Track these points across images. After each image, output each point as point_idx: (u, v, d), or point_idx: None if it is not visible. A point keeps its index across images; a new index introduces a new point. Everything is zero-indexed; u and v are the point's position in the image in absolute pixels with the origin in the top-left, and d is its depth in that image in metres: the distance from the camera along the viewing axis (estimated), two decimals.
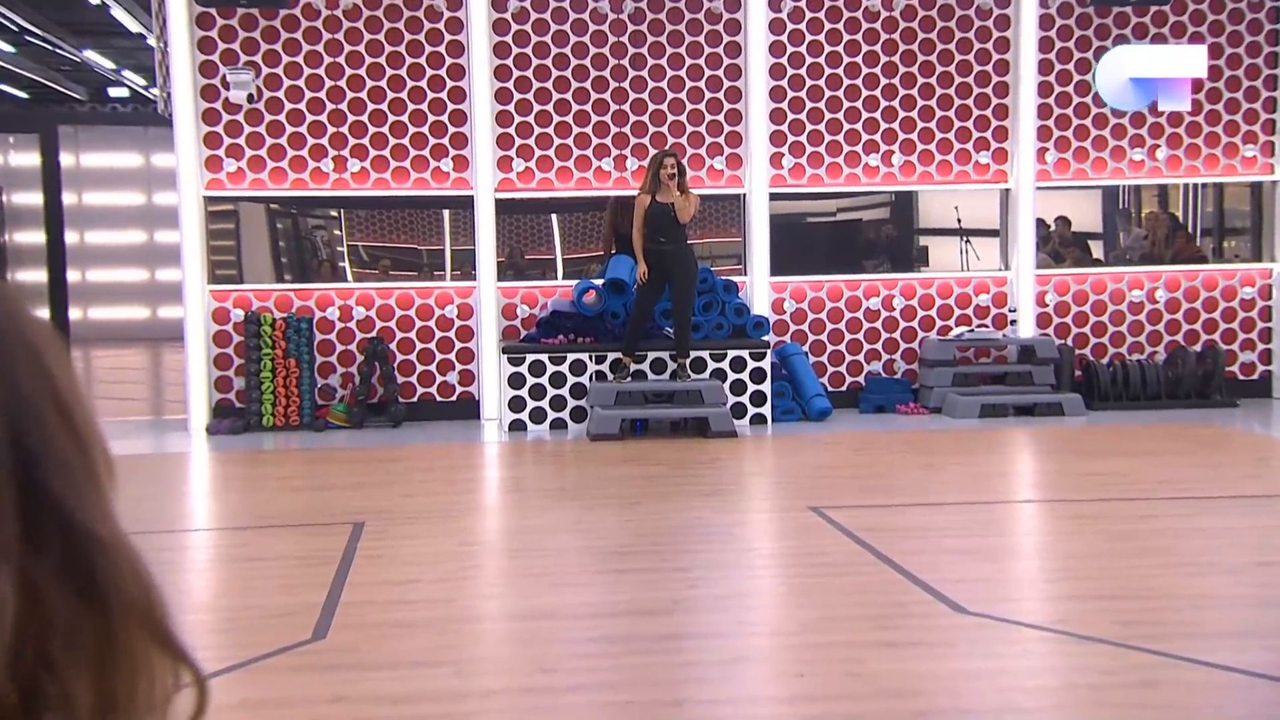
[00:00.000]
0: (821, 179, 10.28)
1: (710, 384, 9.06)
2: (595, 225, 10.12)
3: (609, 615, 4.42)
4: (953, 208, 10.29)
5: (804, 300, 10.32)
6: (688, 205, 8.75)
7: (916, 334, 10.39)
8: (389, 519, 6.03)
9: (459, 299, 10.01)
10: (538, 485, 7.16)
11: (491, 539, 5.78)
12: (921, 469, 7.31)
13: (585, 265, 10.23)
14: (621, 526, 5.81)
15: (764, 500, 6.64)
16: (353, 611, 4.51)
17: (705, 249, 10.16)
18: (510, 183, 10.00)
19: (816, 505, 6.20)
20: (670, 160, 8.72)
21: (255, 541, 5.72)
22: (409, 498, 6.60)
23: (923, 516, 5.99)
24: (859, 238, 10.54)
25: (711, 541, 5.52)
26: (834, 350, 10.37)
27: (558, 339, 9.33)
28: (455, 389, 10.01)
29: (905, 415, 9.84)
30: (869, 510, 6.10)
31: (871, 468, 7.43)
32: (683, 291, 8.85)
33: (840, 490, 6.69)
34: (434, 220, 10.02)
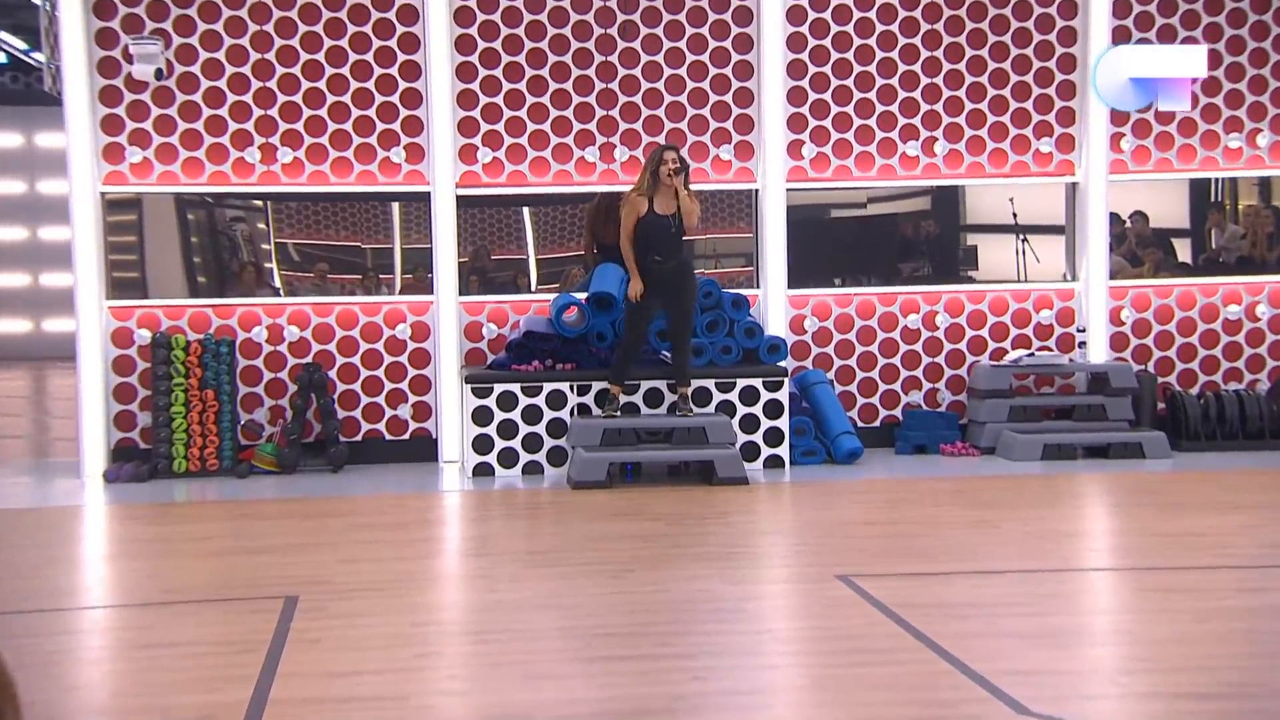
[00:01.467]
0: (849, 171, 10.31)
1: (716, 420, 9.06)
2: (576, 220, 10.18)
3: (595, 716, 4.42)
4: (1007, 200, 10.37)
5: (828, 318, 10.34)
6: (692, 213, 8.79)
7: (965, 358, 10.43)
8: (328, 592, 6.01)
9: (413, 316, 10.01)
10: (508, 547, 7.14)
11: (452, 617, 5.76)
12: (972, 527, 7.31)
13: (565, 269, 10.28)
14: (610, 601, 5.80)
15: (782, 566, 6.64)
16: (285, 712, 4.49)
17: (706, 245, 10.21)
18: (474, 176, 10.02)
19: (845, 573, 6.20)
20: (672, 155, 8.75)
21: (163, 623, 5.68)
22: (352, 564, 6.58)
23: (974, 588, 5.98)
24: (894, 237, 10.59)
25: (720, 620, 5.52)
26: (865, 378, 10.39)
27: (532, 365, 9.34)
28: (408, 425, 10.01)
29: (951, 457, 9.86)
30: (909, 580, 6.10)
31: (911, 524, 7.43)
32: (683, 313, 8.89)
33: (874, 553, 6.69)
34: (381, 214, 10.05)
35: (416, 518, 8.02)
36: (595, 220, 9.90)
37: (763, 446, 9.34)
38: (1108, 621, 5.58)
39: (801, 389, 9.93)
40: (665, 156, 8.75)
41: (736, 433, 9.20)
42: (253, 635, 5.35)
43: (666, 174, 8.72)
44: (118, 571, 6.89)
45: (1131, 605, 5.79)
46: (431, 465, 9.83)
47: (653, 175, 8.77)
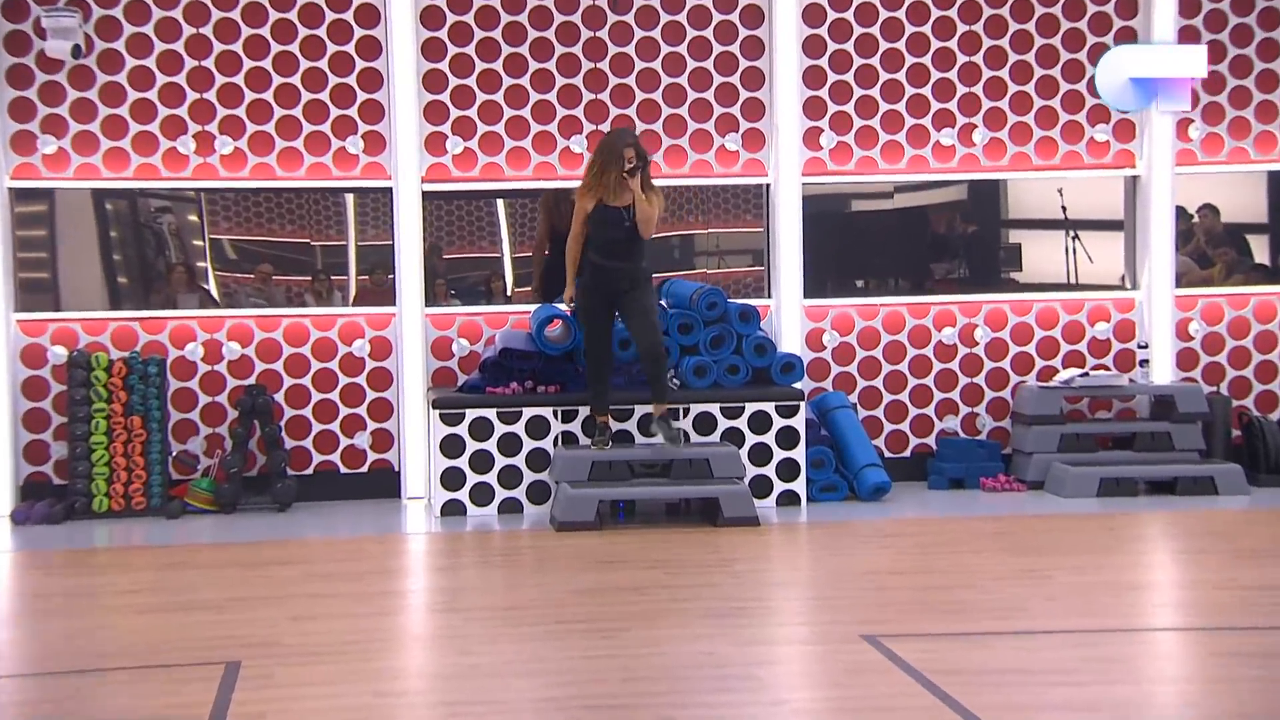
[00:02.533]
0: (874, 163, 10.33)
1: (722, 450, 9.05)
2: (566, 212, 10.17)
3: None
4: (1054, 192, 10.41)
5: (851, 332, 10.34)
6: (651, 210, 8.75)
7: (1008, 378, 10.45)
8: (275, 656, 5.98)
9: (372, 331, 10.01)
10: (482, 601, 7.12)
11: (419, 686, 5.73)
12: (1018, 577, 7.30)
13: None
14: (600, 665, 5.77)
15: (798, 624, 6.62)
16: None
17: (708, 241, 10.22)
18: (443, 170, 10.02)
19: (871, 632, 6.18)
20: (629, 153, 8.69)
21: (82, 695, 5.63)
22: (302, 622, 6.55)
23: (1021, 651, 5.95)
24: (924, 235, 10.62)
25: (726, 689, 5.49)
26: (893, 401, 10.39)
27: (510, 387, 9.33)
28: (367, 456, 10.00)
29: (993, 493, 9.87)
30: (945, 641, 6.07)
31: (947, 574, 7.41)
32: (643, 325, 8.82)
33: (904, 609, 6.67)
34: (333, 206, 10.05)
35: (376, 566, 7.99)
36: (552, 213, 9.92)
37: (775, 481, 9.33)
38: (1176, 693, 5.57)
39: (820, 414, 9.92)
40: (626, 154, 8.62)
41: (745, 465, 9.18)
42: (187, 710, 5.32)
43: (621, 175, 8.63)
44: (26, 633, 6.81)
45: (1205, 674, 5.76)
46: (394, 503, 9.80)
47: (601, 174, 8.67)
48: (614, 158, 8.65)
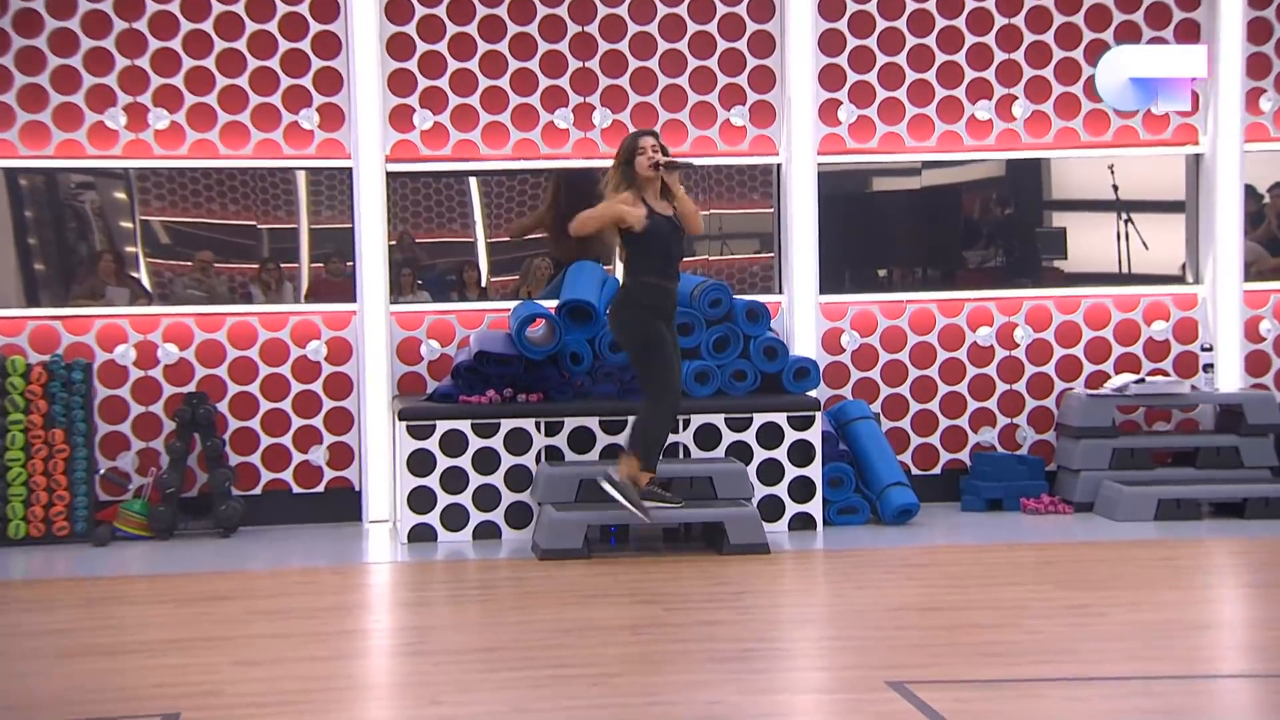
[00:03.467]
0: (900, 140, 10.36)
1: (727, 468, 9.05)
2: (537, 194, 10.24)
3: None
4: (1104, 169, 10.46)
5: (873, 332, 10.36)
6: (695, 213, 8.59)
7: (1052, 385, 10.48)
8: (218, 707, 5.94)
9: (329, 331, 10.00)
10: (455, 643, 7.09)
11: None
12: (1065, 614, 7.28)
13: (525, 259, 10.34)
14: (589, 718, 5.75)
15: (816, 669, 6.60)
16: None
17: (709, 223, 10.19)
18: (410, 148, 10.02)
19: (899, 678, 6.15)
20: (650, 141, 8.50)
21: None
22: (249, 667, 6.52)
23: (1070, 701, 5.92)
24: (956, 219, 10.69)
25: None
26: (921, 411, 10.41)
27: (486, 396, 9.33)
28: (323, 474, 10.01)
29: (1036, 515, 9.89)
30: (983, 689, 6.05)
31: (984, 610, 7.39)
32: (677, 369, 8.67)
33: (936, 651, 6.64)
34: (282, 185, 10.07)
35: (334, 601, 7.96)
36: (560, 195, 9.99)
37: (788, 502, 9.35)
38: None
39: (839, 426, 9.94)
40: (641, 143, 8.42)
41: (753, 484, 9.20)
42: None
43: (647, 165, 8.39)
44: None
45: None
46: (354, 528, 9.82)
47: (627, 168, 8.40)
48: (633, 152, 8.41)
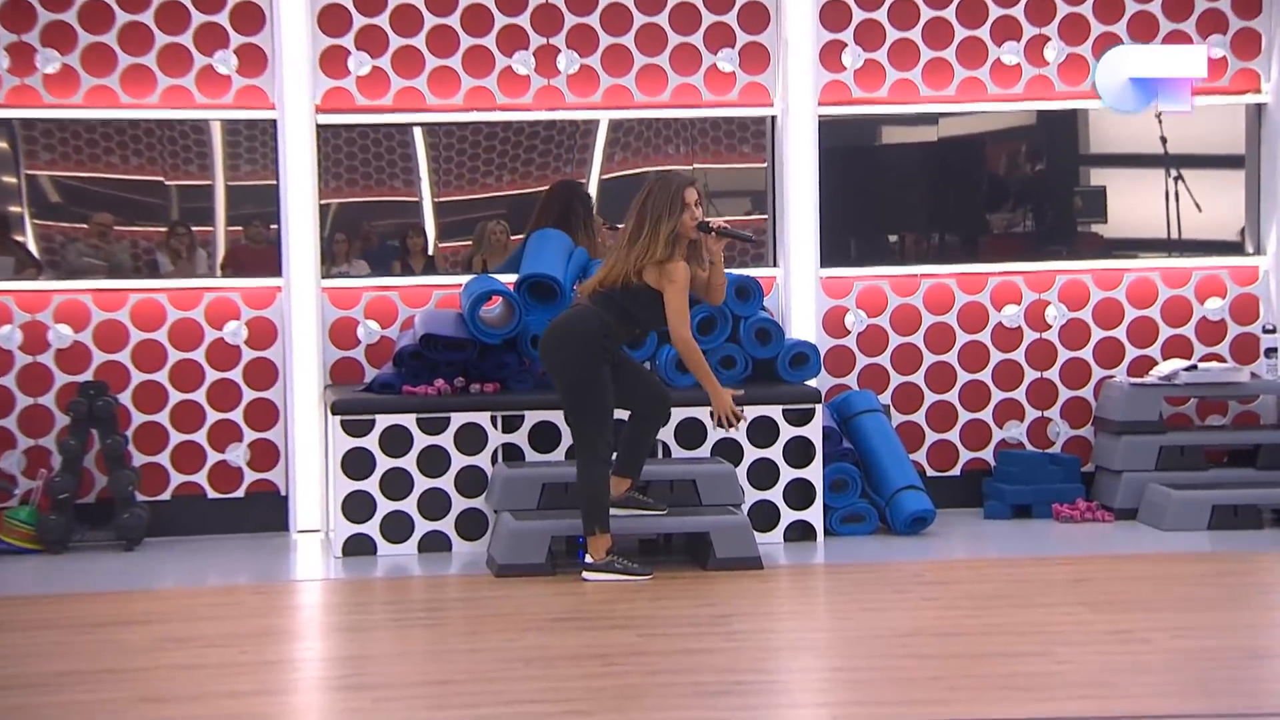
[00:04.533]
0: (914, 89, 10.36)
1: (713, 469, 9.05)
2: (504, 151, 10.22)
3: None
4: (1153, 119, 10.47)
5: (883, 311, 10.37)
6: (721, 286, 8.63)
7: (1090, 372, 10.50)
8: None
9: (250, 310, 9.98)
10: (397, 675, 7.05)
11: None
12: (1104, 641, 7.26)
13: (479, 223, 10.38)
14: None
15: (814, 704, 6.58)
16: None
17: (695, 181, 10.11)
18: (344, 96, 9.99)
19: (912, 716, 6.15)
20: (694, 194, 8.41)
21: None
22: (157, 705, 6.47)
23: None
24: (979, 176, 10.71)
25: None
26: (937, 403, 10.43)
27: (434, 386, 9.32)
28: (243, 477, 9.99)
29: (1070, 524, 9.90)
30: None
31: (1010, 635, 7.37)
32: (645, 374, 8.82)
33: (953, 684, 6.61)
34: (194, 137, 10.03)
35: (256, 626, 7.92)
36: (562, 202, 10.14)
37: (783, 509, 9.35)
38: None
39: (843, 421, 9.94)
40: (686, 196, 8.35)
41: (744, 488, 9.18)
42: None
43: (691, 220, 8.34)
44: None
45: None
46: (280, 539, 9.80)
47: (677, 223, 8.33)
48: (675, 205, 8.34)
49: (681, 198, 8.36)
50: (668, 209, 8.34)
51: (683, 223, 8.35)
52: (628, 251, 8.37)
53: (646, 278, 8.33)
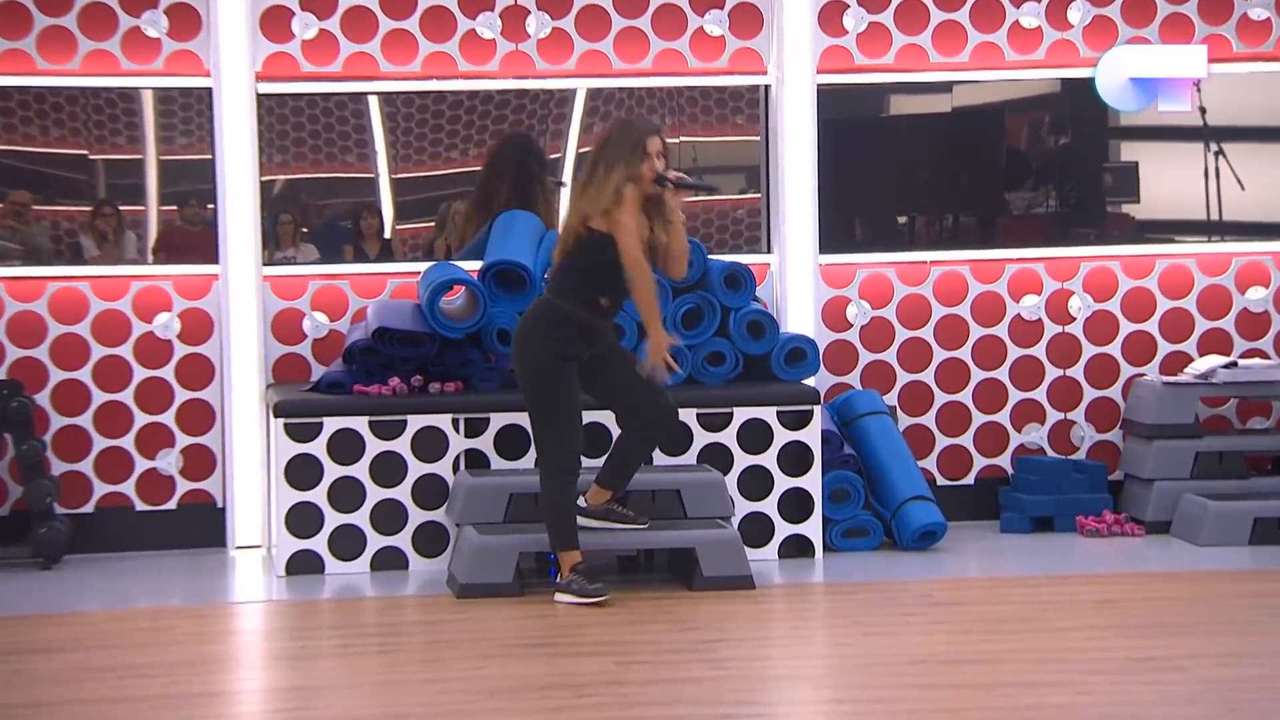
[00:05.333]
0: (923, 55, 10.39)
1: (699, 478, 9.04)
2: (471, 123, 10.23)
3: None
4: (1192, 89, 10.49)
5: (888, 302, 10.39)
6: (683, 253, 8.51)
7: (1118, 370, 10.53)
8: None
9: (183, 300, 9.97)
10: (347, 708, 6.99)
11: None
12: (1134, 669, 7.24)
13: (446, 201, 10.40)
14: None
15: None
16: None
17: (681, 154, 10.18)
18: (287, 62, 9.98)
19: None
20: (657, 144, 8.35)
21: None
22: None
23: None
24: (996, 151, 10.74)
25: None
26: (949, 404, 10.45)
27: (389, 385, 9.31)
28: (175, 487, 9.97)
29: (1096, 538, 9.92)
30: None
31: (1030, 663, 7.37)
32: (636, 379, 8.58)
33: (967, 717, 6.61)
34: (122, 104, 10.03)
35: (189, 653, 7.88)
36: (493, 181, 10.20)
37: (778, 522, 9.36)
38: None
39: (844, 424, 9.95)
40: (649, 144, 8.29)
41: (732, 499, 9.19)
42: None
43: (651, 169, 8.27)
44: None
45: None
46: (216, 556, 9.79)
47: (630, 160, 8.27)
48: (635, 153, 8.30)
49: (643, 146, 8.30)
50: (625, 155, 8.29)
51: (640, 173, 8.27)
52: (578, 200, 8.40)
53: (595, 225, 8.30)
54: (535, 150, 10.30)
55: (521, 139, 10.33)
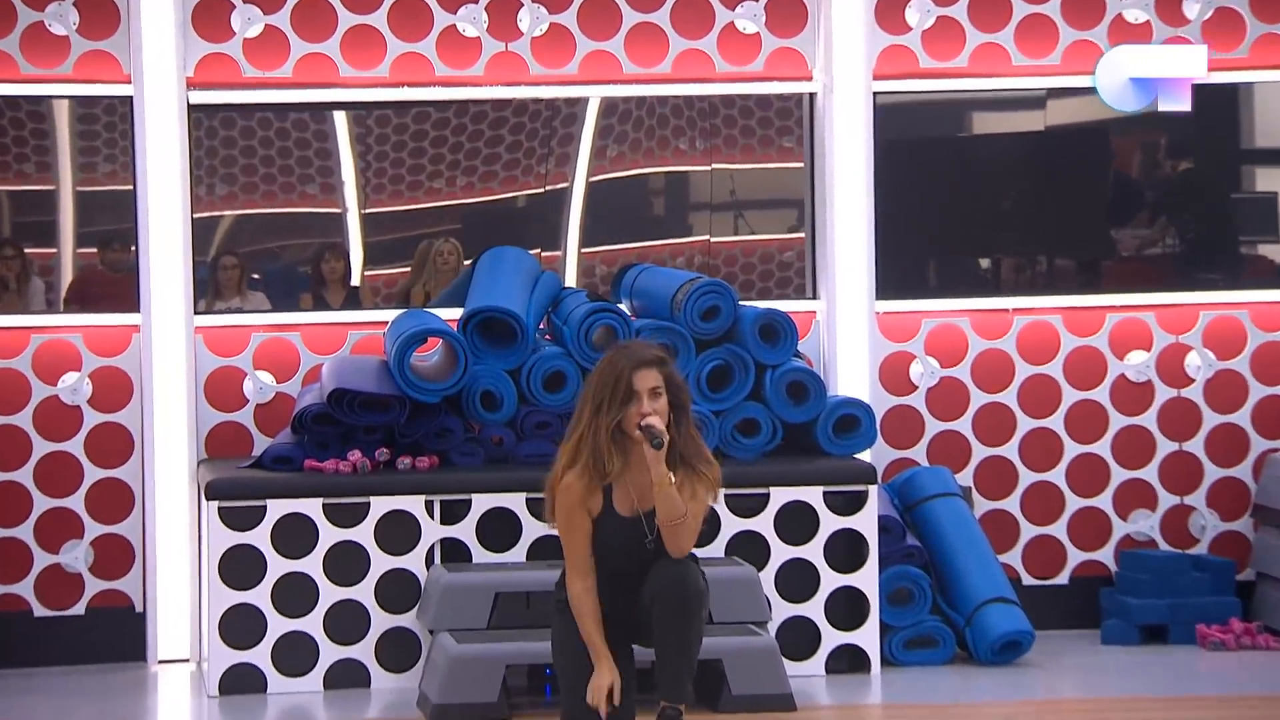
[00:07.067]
0: (1005, 57, 10.43)
1: (729, 573, 9.03)
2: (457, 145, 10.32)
3: None
4: None
5: (961, 359, 10.41)
6: (692, 508, 7.72)
7: (1247, 444, 10.51)
8: None
9: (96, 357, 9.99)
10: None
11: None
12: None
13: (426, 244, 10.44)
14: None
15: None
16: None
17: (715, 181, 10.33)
18: (224, 65, 10.03)
19: None
20: (651, 374, 7.62)
21: None
22: None
23: None
24: (1102, 179, 10.78)
25: None
26: (1036, 483, 10.44)
27: (347, 461, 9.32)
28: (84, 586, 9.96)
29: (1222, 653, 9.84)
30: None
31: None
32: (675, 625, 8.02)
33: None
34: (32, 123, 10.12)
35: None
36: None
37: (825, 629, 9.34)
38: None
39: (907, 508, 9.94)
40: (635, 375, 7.50)
41: (770, 600, 9.18)
42: None
43: (639, 416, 7.41)
44: None
45: None
46: (135, 671, 9.79)
47: (591, 421, 7.52)
48: (614, 391, 7.80)
49: (629, 382, 7.61)
50: (608, 398, 7.55)
51: (626, 417, 7.52)
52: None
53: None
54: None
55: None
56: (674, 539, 7.42)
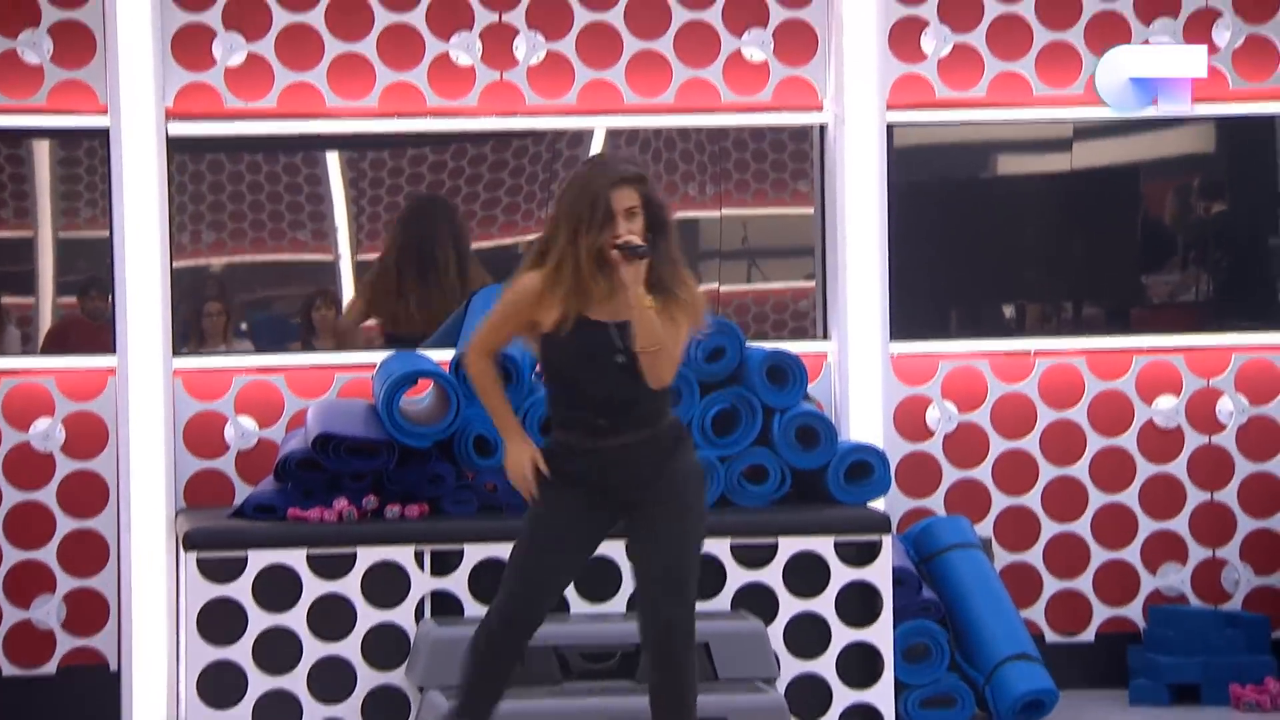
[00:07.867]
0: (1025, 87, 10.45)
1: (735, 628, 9.08)
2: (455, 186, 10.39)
3: None
4: None
5: (981, 404, 10.44)
6: (672, 331, 7.72)
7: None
8: None
9: (70, 402, 10.02)
10: None
11: None
12: None
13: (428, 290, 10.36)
14: None
15: None
16: None
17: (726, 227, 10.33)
18: (206, 96, 10.07)
19: None
20: (627, 193, 7.79)
21: None
22: None
23: None
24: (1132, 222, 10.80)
25: None
26: (1059, 535, 10.46)
27: (333, 509, 9.34)
28: (55, 644, 9.97)
29: (1257, 713, 9.84)
30: None
31: None
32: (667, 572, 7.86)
33: None
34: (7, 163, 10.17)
35: None
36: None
37: (837, 686, 9.34)
38: None
39: (923, 560, 9.97)
40: (612, 194, 7.45)
41: (778, 656, 9.19)
42: None
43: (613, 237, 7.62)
44: None
45: None
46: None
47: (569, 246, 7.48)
48: (591, 211, 7.79)
49: (608, 196, 7.50)
50: (586, 217, 7.45)
51: (604, 242, 7.46)
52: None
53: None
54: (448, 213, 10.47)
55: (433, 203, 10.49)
56: (652, 367, 7.40)
